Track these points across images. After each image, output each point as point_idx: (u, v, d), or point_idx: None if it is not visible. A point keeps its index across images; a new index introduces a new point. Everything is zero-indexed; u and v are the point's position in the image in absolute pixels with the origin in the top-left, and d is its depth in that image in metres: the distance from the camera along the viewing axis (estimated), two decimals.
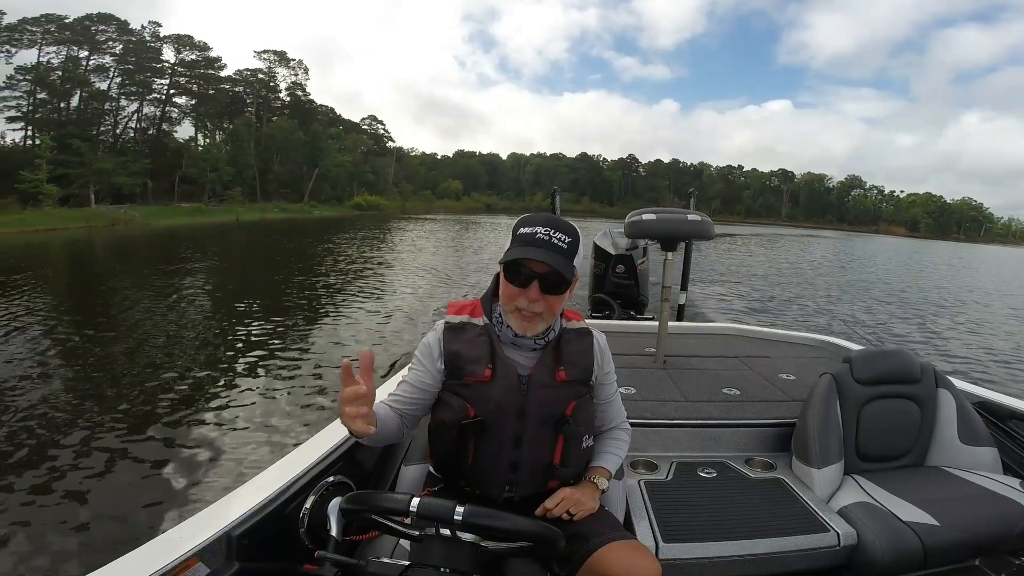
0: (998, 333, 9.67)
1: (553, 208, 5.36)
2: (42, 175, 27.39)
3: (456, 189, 74.00)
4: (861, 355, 1.94)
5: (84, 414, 4.26)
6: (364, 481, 1.45)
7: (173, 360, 5.76)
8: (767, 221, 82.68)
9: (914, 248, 44.24)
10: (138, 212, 29.49)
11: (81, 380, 5.09)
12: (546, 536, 0.94)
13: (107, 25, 40.21)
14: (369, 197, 52.70)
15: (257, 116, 48.96)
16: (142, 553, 0.94)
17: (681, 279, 4.69)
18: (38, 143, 29.99)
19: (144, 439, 3.92)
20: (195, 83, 45.39)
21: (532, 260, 1.06)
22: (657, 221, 2.49)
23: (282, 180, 45.55)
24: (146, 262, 14.87)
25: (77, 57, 39.35)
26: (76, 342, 6.36)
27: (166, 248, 18.52)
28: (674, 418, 2.00)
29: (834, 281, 16.32)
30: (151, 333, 6.90)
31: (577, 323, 1.26)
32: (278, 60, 52.14)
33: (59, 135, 32.04)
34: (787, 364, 2.69)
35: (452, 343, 1.18)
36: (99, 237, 22.53)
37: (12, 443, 3.76)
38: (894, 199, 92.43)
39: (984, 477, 1.71)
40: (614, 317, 6.01)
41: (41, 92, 37.44)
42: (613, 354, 1.30)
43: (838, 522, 1.54)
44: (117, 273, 12.46)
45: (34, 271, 12.47)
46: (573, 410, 1.17)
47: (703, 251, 22.00)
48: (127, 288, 10.31)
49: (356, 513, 1.01)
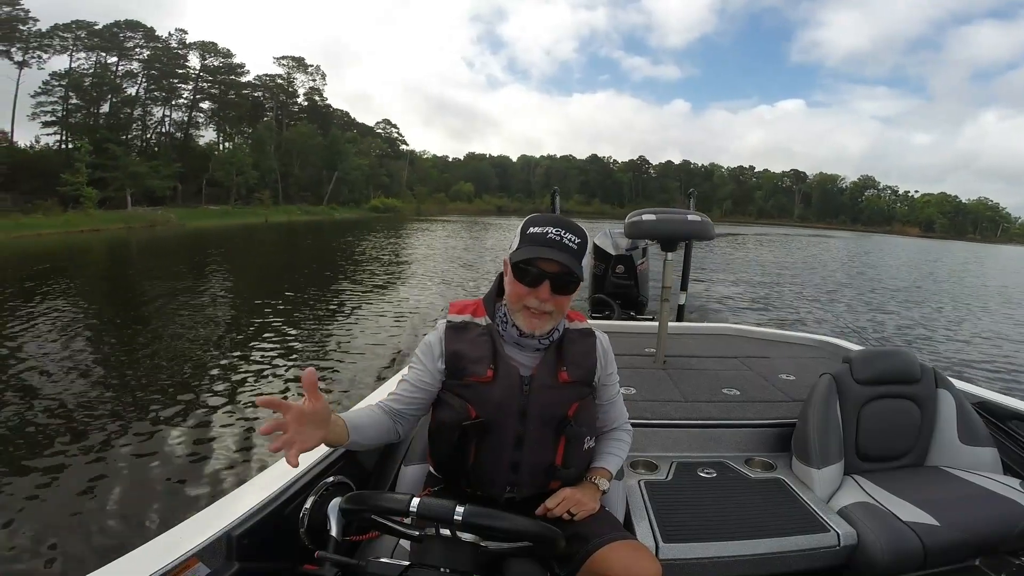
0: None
1: (553, 208, 5.36)
2: (82, 178, 28.25)
3: (468, 191, 74.38)
4: (861, 355, 1.92)
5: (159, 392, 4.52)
6: (364, 481, 1.43)
7: (229, 346, 6.28)
8: (779, 222, 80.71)
9: (928, 248, 42.95)
10: (173, 214, 30.43)
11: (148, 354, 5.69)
12: (546, 536, 0.92)
13: (134, 32, 41.22)
14: (386, 200, 53.78)
15: (276, 120, 49.88)
16: (142, 553, 0.93)
17: (681, 279, 4.71)
18: (77, 147, 30.77)
19: (186, 420, 4.08)
20: (217, 88, 46.15)
21: (544, 260, 1.05)
22: (657, 222, 2.49)
23: (301, 183, 46.39)
24: (201, 259, 15.75)
25: (105, 63, 39.94)
26: (139, 330, 6.89)
27: (209, 247, 19.37)
28: (674, 418, 1.99)
29: (832, 279, 16.17)
30: (213, 320, 7.56)
31: (580, 324, 1.24)
32: (296, 66, 53.16)
33: (94, 139, 32.69)
34: (787, 364, 2.67)
35: (453, 343, 1.17)
36: (142, 238, 23.39)
37: (60, 420, 3.92)
38: (908, 199, 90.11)
39: (984, 477, 1.69)
40: (614, 317, 5.98)
41: (74, 98, 38.15)
42: (613, 354, 1.29)
43: (838, 522, 1.52)
44: (182, 271, 13.24)
45: (92, 267, 14.03)
46: (575, 411, 1.16)
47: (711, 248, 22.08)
48: (200, 284, 11.15)
49: (356, 513, 1.00)
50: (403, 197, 59.26)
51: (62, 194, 27.81)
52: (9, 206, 25.70)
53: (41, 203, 26.90)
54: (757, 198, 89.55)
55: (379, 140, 63.63)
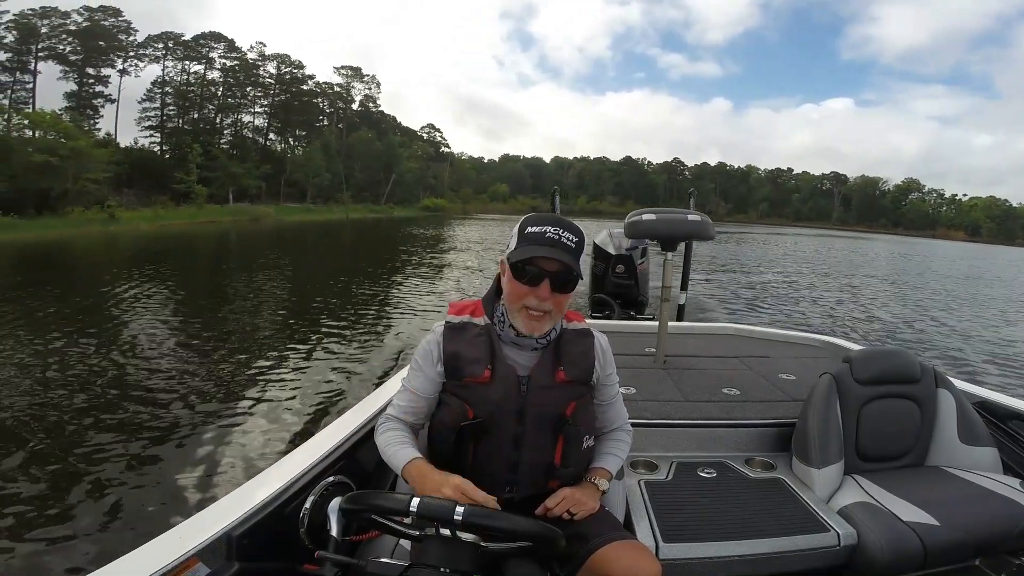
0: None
1: (553, 208, 5.28)
2: (193, 177, 31.51)
3: (503, 192, 76.19)
4: (861, 355, 1.86)
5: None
6: (364, 481, 1.40)
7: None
8: (817, 224, 75.13)
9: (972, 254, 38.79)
10: (272, 210, 33.79)
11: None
12: (546, 536, 0.90)
13: (217, 43, 43.40)
14: (436, 200, 57.28)
15: (335, 126, 53.64)
16: (142, 553, 0.90)
17: (681, 279, 4.64)
18: (189, 149, 34.17)
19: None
20: (286, 95, 49.62)
21: (543, 259, 1.03)
22: (657, 221, 2.46)
23: (361, 185, 49.59)
24: (329, 242, 20.34)
25: (188, 71, 42.88)
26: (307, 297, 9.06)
27: (324, 235, 23.25)
28: (674, 418, 1.94)
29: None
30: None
31: (578, 324, 1.18)
32: (354, 75, 56.10)
33: (193, 144, 35.66)
34: (787, 364, 2.61)
35: (452, 343, 1.12)
36: (255, 228, 26.44)
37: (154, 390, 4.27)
38: (955, 203, 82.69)
39: (984, 477, 1.63)
40: (614, 317, 5.91)
41: (170, 104, 41.69)
42: (613, 354, 1.23)
43: (838, 522, 1.46)
44: (329, 248, 17.96)
45: (251, 247, 18.57)
46: (573, 411, 1.11)
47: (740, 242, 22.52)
48: (351, 255, 15.73)
49: (356, 513, 0.97)
50: (448, 197, 62.32)
51: (175, 191, 31.02)
52: (133, 201, 28.87)
53: (158, 199, 30.04)
54: (794, 200, 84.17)
55: (424, 143, 66.15)
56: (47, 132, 24.38)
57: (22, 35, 33.69)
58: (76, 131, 26.35)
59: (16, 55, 33.75)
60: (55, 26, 35.59)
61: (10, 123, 25.54)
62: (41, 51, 35.11)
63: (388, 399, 1.45)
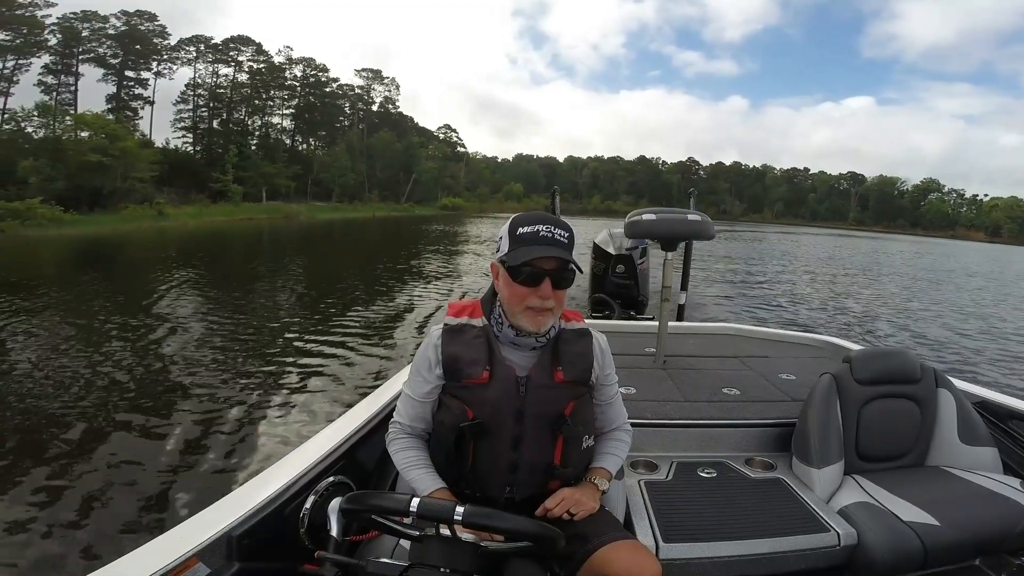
0: None
1: (553, 208, 5.11)
2: (229, 176, 32.67)
3: (518, 192, 75.86)
4: (861, 355, 1.83)
5: None
6: (364, 481, 1.39)
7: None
8: (833, 225, 72.71)
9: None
10: (304, 208, 34.77)
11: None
12: (546, 536, 0.89)
13: (245, 46, 43.70)
14: (454, 199, 57.95)
15: (356, 127, 54.15)
16: (142, 553, 0.89)
17: (681, 279, 4.54)
18: (226, 149, 35.45)
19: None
20: (310, 98, 50.12)
21: (542, 258, 1.02)
22: (657, 221, 2.43)
23: (381, 184, 50.54)
24: (373, 237, 21.43)
25: (218, 73, 43.39)
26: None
27: (362, 231, 24.21)
28: (674, 418, 1.92)
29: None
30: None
31: (577, 324, 1.16)
32: (374, 77, 56.90)
33: (226, 145, 36.72)
34: (787, 364, 2.58)
35: (450, 345, 1.10)
36: (286, 226, 27.11)
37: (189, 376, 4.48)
38: (976, 203, 79.91)
39: (984, 477, 1.60)
40: (614, 317, 5.85)
41: (201, 107, 42.27)
42: (613, 354, 1.20)
43: (838, 522, 1.44)
44: (369, 242, 19.41)
45: (290, 241, 20.07)
46: (572, 410, 1.09)
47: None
48: (394, 248, 16.62)
49: (356, 513, 0.96)
50: (464, 196, 62.94)
51: (212, 189, 32.10)
52: (174, 199, 29.68)
53: (197, 197, 31.00)
54: (811, 200, 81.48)
55: (442, 144, 66.48)
56: (96, 133, 25.39)
57: (65, 38, 34.46)
58: (124, 132, 27.58)
59: (60, 58, 34.58)
60: (95, 30, 36.35)
61: (62, 125, 26.53)
62: (82, 54, 35.96)
63: (387, 400, 1.47)
